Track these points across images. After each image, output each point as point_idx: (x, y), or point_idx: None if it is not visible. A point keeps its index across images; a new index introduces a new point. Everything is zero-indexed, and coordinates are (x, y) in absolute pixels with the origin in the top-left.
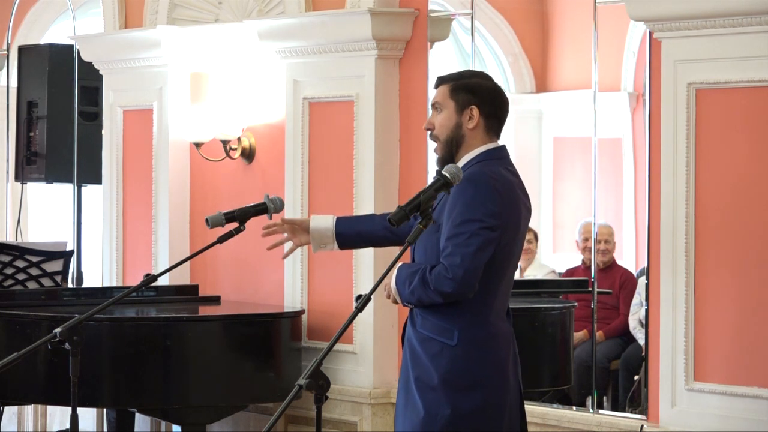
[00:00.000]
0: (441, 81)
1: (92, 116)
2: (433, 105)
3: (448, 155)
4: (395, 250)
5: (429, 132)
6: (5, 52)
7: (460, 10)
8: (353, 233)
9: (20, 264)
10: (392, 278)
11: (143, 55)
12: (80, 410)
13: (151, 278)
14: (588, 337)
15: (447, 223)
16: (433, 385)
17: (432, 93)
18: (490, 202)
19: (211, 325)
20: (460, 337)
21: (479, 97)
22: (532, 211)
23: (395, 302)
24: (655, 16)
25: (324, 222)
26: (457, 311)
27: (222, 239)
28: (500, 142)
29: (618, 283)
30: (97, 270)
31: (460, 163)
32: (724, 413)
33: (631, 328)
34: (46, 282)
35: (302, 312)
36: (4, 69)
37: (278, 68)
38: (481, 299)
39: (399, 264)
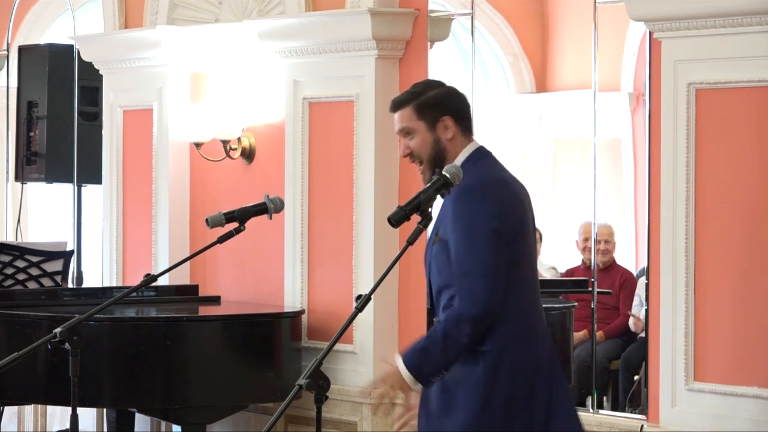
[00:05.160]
0: (398, 105)
1: (92, 116)
2: (400, 131)
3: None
4: (395, 250)
5: (408, 156)
6: (5, 52)
7: (460, 10)
8: None
9: (20, 264)
10: (394, 373)
11: (143, 55)
12: (80, 410)
13: (151, 278)
14: (588, 337)
15: (450, 244)
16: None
17: None
18: (487, 211)
19: (211, 325)
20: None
21: (445, 106)
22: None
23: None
24: (655, 16)
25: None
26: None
27: (222, 239)
28: (478, 141)
29: (618, 283)
30: (97, 270)
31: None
32: (724, 413)
33: (631, 326)
34: (46, 282)
35: (302, 312)
36: (4, 69)
37: (278, 68)
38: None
39: (395, 358)
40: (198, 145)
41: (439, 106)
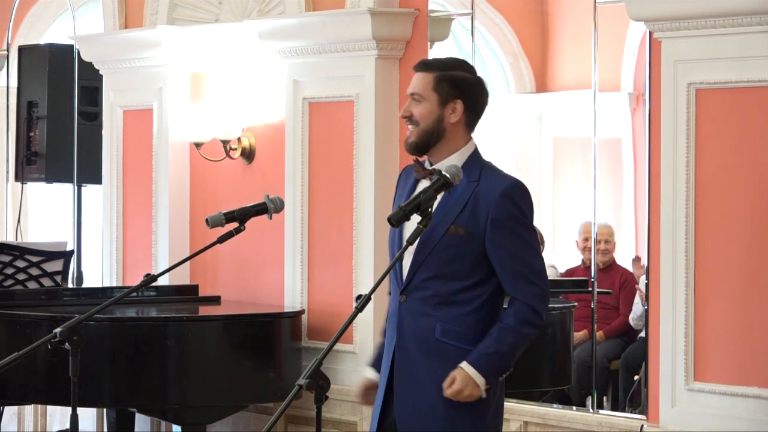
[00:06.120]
0: (423, 68)
1: (92, 116)
2: (411, 95)
3: (424, 144)
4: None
5: (407, 118)
6: (5, 52)
7: (460, 10)
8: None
9: (20, 264)
10: (469, 382)
11: (143, 55)
12: (80, 410)
13: (151, 278)
14: (588, 337)
15: (501, 239)
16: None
17: None
18: (532, 214)
19: (211, 325)
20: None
21: (463, 91)
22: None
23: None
24: (655, 16)
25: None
26: (483, 318)
27: (222, 239)
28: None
29: (618, 283)
30: (97, 270)
31: (449, 160)
32: (724, 413)
33: (632, 323)
34: (46, 282)
35: (302, 312)
36: (4, 69)
37: (278, 68)
38: (499, 305)
39: (462, 368)
40: (198, 145)
41: (458, 88)
